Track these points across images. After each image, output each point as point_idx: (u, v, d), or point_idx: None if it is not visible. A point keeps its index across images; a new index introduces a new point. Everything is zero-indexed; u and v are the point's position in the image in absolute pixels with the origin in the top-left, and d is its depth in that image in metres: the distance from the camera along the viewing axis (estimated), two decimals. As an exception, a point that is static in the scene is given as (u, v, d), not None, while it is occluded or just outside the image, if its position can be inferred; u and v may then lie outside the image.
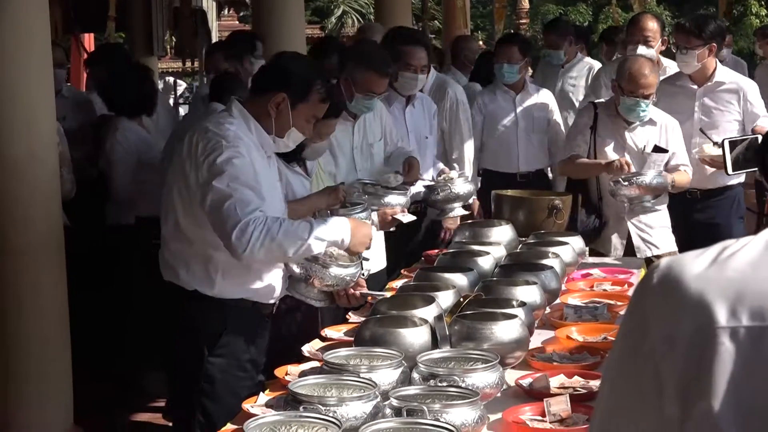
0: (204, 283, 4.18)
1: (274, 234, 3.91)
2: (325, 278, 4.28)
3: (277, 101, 4.16)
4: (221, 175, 3.95)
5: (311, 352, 4.22)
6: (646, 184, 6.02)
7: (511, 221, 5.69)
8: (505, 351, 3.85)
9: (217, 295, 4.17)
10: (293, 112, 4.19)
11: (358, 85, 5.63)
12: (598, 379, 3.83)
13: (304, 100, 4.21)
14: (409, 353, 3.73)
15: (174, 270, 4.24)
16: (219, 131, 4.06)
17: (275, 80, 4.21)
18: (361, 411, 3.26)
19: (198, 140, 4.08)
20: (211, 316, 4.19)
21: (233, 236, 3.89)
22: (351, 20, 37.36)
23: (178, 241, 4.22)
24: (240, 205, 3.92)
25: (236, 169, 3.97)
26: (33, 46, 5.03)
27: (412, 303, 4.24)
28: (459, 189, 5.83)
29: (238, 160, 3.99)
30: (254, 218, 3.91)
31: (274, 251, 3.96)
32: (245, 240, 3.88)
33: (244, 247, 3.89)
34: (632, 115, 6.10)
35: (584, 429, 3.41)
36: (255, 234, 3.88)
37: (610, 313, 4.74)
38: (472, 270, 4.83)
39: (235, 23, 27.49)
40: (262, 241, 3.89)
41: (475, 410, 3.29)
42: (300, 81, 4.20)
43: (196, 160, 4.04)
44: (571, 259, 5.34)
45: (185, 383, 4.28)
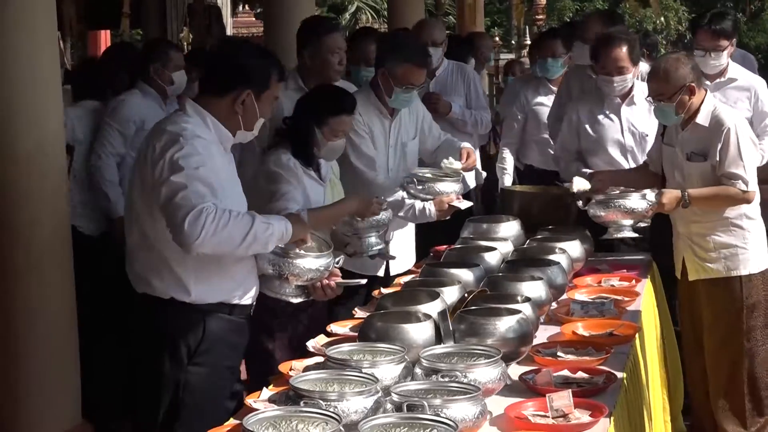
0: (179, 290, 4.03)
1: (225, 222, 3.80)
2: (296, 272, 4.22)
3: (243, 98, 4.08)
4: (178, 171, 3.86)
5: (316, 348, 4.23)
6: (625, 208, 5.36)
7: (520, 217, 5.67)
8: (509, 346, 3.84)
9: (195, 301, 4.05)
10: (258, 102, 4.11)
11: (397, 78, 5.53)
12: (602, 375, 3.83)
13: (267, 88, 4.13)
14: (412, 348, 3.74)
15: (146, 280, 4.09)
16: (175, 129, 3.98)
17: (235, 78, 4.09)
18: (361, 406, 3.26)
19: (154, 142, 3.99)
20: (189, 324, 4.07)
21: (186, 224, 3.76)
22: (365, 16, 37.32)
23: (145, 250, 4.07)
24: (194, 196, 3.82)
25: (191, 165, 3.87)
26: (39, 41, 5.03)
27: (417, 298, 4.24)
28: (442, 188, 5.45)
29: (195, 157, 3.89)
30: (207, 206, 3.80)
31: (224, 241, 3.83)
32: (198, 228, 3.76)
33: (197, 236, 3.76)
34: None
35: (586, 424, 3.41)
36: (207, 222, 3.77)
37: (616, 309, 4.73)
38: (478, 266, 4.82)
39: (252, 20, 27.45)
40: (214, 229, 3.78)
41: (475, 405, 3.28)
42: (260, 72, 4.12)
43: (152, 161, 3.95)
44: (579, 254, 5.33)
45: (164, 396, 4.10)
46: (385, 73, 5.56)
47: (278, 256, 4.16)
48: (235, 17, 26.51)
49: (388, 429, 3.11)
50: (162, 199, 3.87)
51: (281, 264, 4.19)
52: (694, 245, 5.44)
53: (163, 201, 3.87)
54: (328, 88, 5.19)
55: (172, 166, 3.87)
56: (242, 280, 4.16)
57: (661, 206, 5.27)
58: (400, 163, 5.71)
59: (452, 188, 5.42)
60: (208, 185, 3.87)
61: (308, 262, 4.21)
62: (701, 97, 5.33)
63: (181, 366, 4.06)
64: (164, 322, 4.07)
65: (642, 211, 5.31)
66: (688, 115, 5.33)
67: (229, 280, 4.11)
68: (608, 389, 3.75)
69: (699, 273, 5.46)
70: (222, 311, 4.11)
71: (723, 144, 5.24)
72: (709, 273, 5.43)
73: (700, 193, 5.28)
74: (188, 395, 4.07)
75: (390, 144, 5.72)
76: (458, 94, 7.45)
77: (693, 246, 5.44)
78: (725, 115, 5.32)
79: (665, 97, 5.27)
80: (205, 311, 4.07)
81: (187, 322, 4.07)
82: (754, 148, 5.40)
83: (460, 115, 7.35)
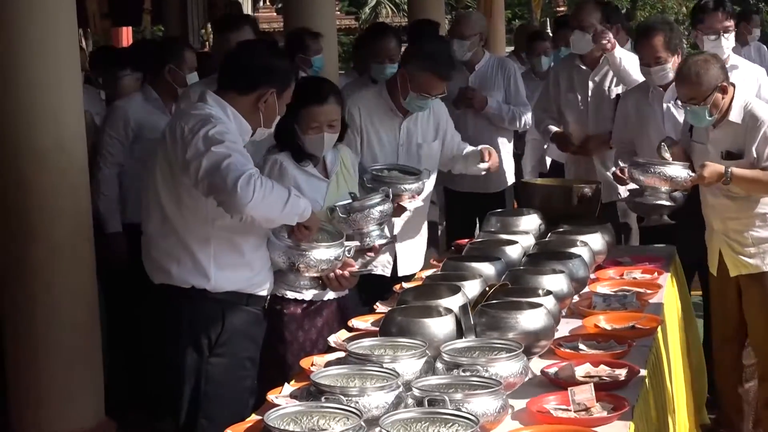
0: (199, 276, 4.13)
1: (271, 187, 3.96)
2: (309, 263, 4.26)
3: (266, 97, 4.22)
4: (218, 143, 3.97)
5: (337, 343, 4.22)
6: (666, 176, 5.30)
7: (540, 209, 5.65)
8: (530, 340, 3.84)
9: (214, 288, 4.14)
10: (279, 101, 4.26)
11: (415, 84, 5.46)
12: (624, 368, 3.82)
13: (288, 87, 4.29)
14: (434, 343, 3.73)
15: (164, 269, 4.17)
16: (202, 113, 4.10)
17: (261, 77, 4.23)
18: (383, 401, 3.26)
19: (182, 125, 4.09)
20: (209, 314, 4.14)
21: (239, 187, 3.85)
22: (385, 11, 37.33)
23: (165, 236, 4.16)
24: (239, 163, 3.93)
25: (229, 140, 4.00)
26: (60, 36, 5.01)
27: (438, 293, 4.23)
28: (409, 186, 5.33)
29: (230, 135, 4.04)
30: (254, 171, 3.94)
31: (271, 205, 3.98)
32: (250, 191, 3.86)
33: (250, 197, 3.86)
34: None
35: (608, 418, 3.40)
36: (257, 185, 3.88)
37: (639, 302, 4.71)
38: (499, 259, 4.81)
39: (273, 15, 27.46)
40: (264, 193, 3.90)
41: (497, 400, 3.28)
42: (284, 72, 4.30)
43: (183, 142, 4.04)
44: (601, 247, 5.31)
45: (186, 387, 4.18)
46: (405, 74, 5.51)
47: (290, 248, 4.20)
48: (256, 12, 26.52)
49: (409, 424, 3.10)
50: (203, 171, 3.95)
51: (293, 255, 4.24)
52: (732, 241, 5.41)
53: (204, 172, 3.94)
54: (302, 80, 4.99)
55: (210, 140, 3.97)
56: (259, 269, 4.26)
57: (702, 178, 5.20)
58: (414, 164, 5.59)
59: (409, 188, 5.31)
60: (246, 157, 4.01)
61: (320, 253, 4.27)
62: (731, 94, 5.26)
63: (202, 357, 4.12)
64: (183, 313, 4.13)
65: (681, 180, 5.24)
66: (720, 113, 5.25)
67: (247, 268, 4.20)
68: (630, 383, 3.73)
69: (739, 268, 5.44)
70: (240, 302, 4.18)
71: (760, 140, 5.19)
72: (749, 268, 5.41)
73: (743, 173, 5.19)
74: (210, 386, 4.13)
75: (400, 143, 5.65)
76: (498, 89, 7.39)
77: (730, 242, 5.41)
78: (759, 109, 5.26)
79: (699, 101, 5.18)
80: (223, 302, 4.14)
81: (206, 313, 4.13)
82: None
83: (497, 110, 7.29)
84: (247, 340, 4.26)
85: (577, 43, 6.93)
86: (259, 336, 4.35)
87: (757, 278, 5.39)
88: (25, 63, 4.97)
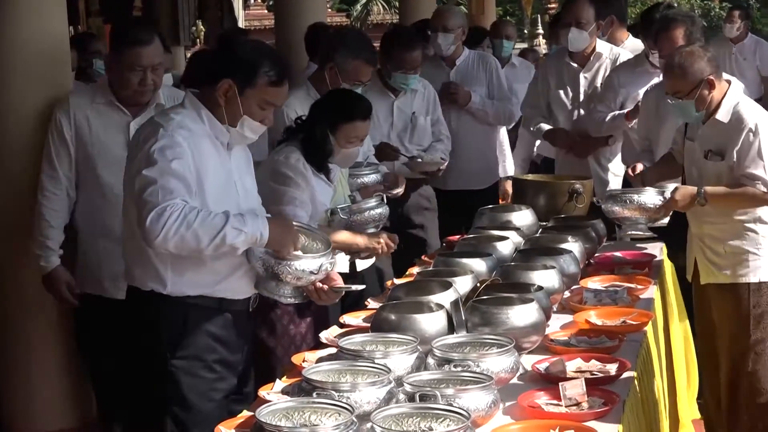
0: (156, 282, 3.94)
1: (190, 221, 3.68)
2: (288, 272, 3.96)
3: (224, 88, 3.91)
4: (152, 165, 3.76)
5: (329, 339, 4.23)
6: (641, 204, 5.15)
7: (532, 206, 5.66)
8: (521, 335, 3.85)
9: (172, 293, 3.94)
10: (241, 98, 3.92)
11: (345, 75, 5.62)
12: (615, 363, 3.83)
13: (251, 85, 3.92)
14: (425, 338, 3.74)
15: (130, 272, 4.05)
16: (160, 121, 3.90)
17: (221, 66, 3.96)
18: (374, 397, 3.27)
19: (141, 132, 3.96)
20: (170, 316, 3.95)
21: (148, 220, 3.67)
22: (377, 8, 37.32)
23: (130, 240, 3.98)
24: (162, 192, 3.71)
25: (166, 159, 3.77)
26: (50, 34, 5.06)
27: (430, 288, 4.24)
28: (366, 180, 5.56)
29: (172, 150, 3.79)
30: (172, 204, 3.69)
31: (189, 241, 3.70)
32: (160, 225, 3.66)
33: (158, 233, 3.66)
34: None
35: (600, 413, 3.41)
36: (170, 220, 3.66)
37: (630, 297, 4.72)
38: (490, 255, 4.82)
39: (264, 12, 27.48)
40: (177, 228, 3.66)
41: (488, 395, 3.29)
42: (244, 65, 3.92)
43: (134, 151, 3.91)
44: (592, 243, 5.32)
45: (151, 390, 4.03)
46: (333, 68, 5.64)
47: (268, 255, 3.95)
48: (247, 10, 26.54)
49: (400, 419, 3.11)
50: (135, 192, 3.80)
51: (270, 263, 3.97)
52: (705, 247, 5.16)
53: (135, 194, 3.79)
54: (341, 93, 5.11)
55: (147, 158, 3.79)
56: (227, 275, 4.00)
57: (675, 203, 5.03)
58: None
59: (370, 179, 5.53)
60: (182, 179, 3.77)
61: (299, 263, 3.96)
62: (723, 91, 5.02)
63: (164, 359, 3.95)
64: (148, 314, 3.99)
65: (654, 207, 5.08)
66: (709, 110, 5.02)
67: (210, 273, 3.96)
68: (621, 377, 3.74)
69: (709, 276, 5.16)
70: (208, 304, 3.99)
71: (743, 143, 4.92)
72: (718, 277, 5.13)
73: (717, 191, 4.98)
74: (173, 389, 3.95)
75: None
76: (480, 84, 7.40)
77: (704, 248, 5.16)
78: (747, 111, 4.99)
79: (683, 94, 4.98)
80: (188, 304, 3.96)
81: (168, 314, 3.96)
82: None
83: (481, 105, 7.31)
84: (216, 341, 4.03)
85: (575, 41, 6.91)
86: (233, 339, 4.07)
87: (725, 289, 5.12)
88: (15, 62, 4.98)
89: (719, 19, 34.58)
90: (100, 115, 4.90)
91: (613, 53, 6.99)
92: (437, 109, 6.88)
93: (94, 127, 4.89)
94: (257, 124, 4.00)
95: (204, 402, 3.94)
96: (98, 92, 4.97)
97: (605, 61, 6.95)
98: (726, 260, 5.10)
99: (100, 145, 4.88)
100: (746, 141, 4.92)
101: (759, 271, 5.04)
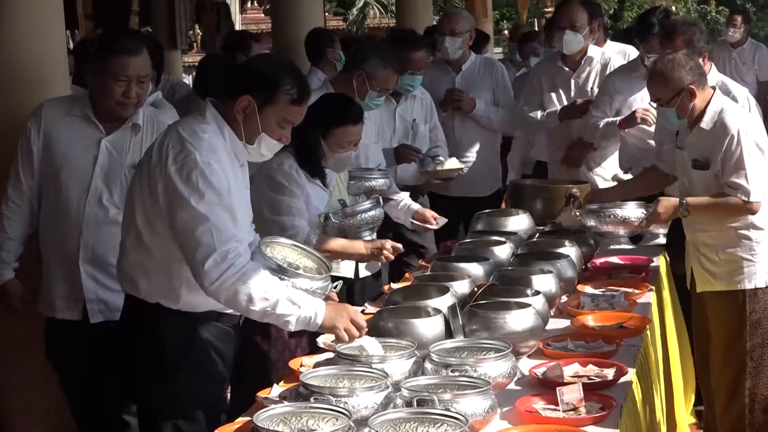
0: (167, 296, 3.86)
1: (246, 279, 3.62)
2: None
3: (243, 105, 3.81)
4: (195, 193, 3.66)
5: (326, 344, 4.22)
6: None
7: (529, 210, 5.66)
8: (519, 340, 3.85)
9: (183, 308, 3.88)
10: (260, 116, 3.82)
11: (375, 82, 5.69)
12: (612, 368, 3.83)
13: (271, 102, 3.82)
14: (423, 343, 3.74)
15: (133, 281, 3.93)
16: (193, 141, 3.75)
17: (241, 82, 3.86)
18: (372, 401, 3.28)
19: (169, 148, 3.76)
20: (176, 329, 3.89)
21: (205, 266, 3.61)
22: (373, 11, 37.33)
23: (139, 252, 3.89)
24: (216, 232, 3.64)
25: (211, 187, 3.68)
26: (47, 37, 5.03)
27: (427, 293, 4.25)
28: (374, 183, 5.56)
29: (214, 177, 3.70)
30: (232, 252, 3.64)
31: (240, 297, 3.64)
32: (217, 274, 3.60)
33: (213, 281, 3.61)
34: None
35: (597, 417, 3.41)
36: (229, 273, 3.61)
37: (627, 302, 4.72)
38: (488, 260, 4.82)
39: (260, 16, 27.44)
40: (233, 282, 3.61)
41: (485, 400, 3.28)
42: (265, 81, 3.82)
43: (165, 170, 3.72)
44: (589, 247, 5.32)
45: (153, 403, 3.96)
46: (362, 75, 5.68)
47: (273, 270, 3.86)
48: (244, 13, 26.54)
49: (398, 424, 3.11)
50: (178, 224, 3.69)
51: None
52: (701, 255, 5.10)
53: (179, 227, 3.69)
54: (333, 98, 5.10)
55: (188, 185, 3.68)
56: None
57: (657, 215, 5.06)
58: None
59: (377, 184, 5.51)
60: (230, 211, 3.71)
61: (302, 282, 3.89)
62: (706, 99, 4.96)
63: (168, 372, 3.88)
64: (151, 326, 3.91)
65: (635, 220, 5.10)
66: (692, 117, 4.97)
67: None
68: (619, 382, 3.74)
69: (705, 284, 5.11)
70: (212, 318, 3.94)
71: (725, 151, 4.86)
72: (714, 285, 5.08)
73: (698, 202, 4.96)
74: (176, 401, 3.90)
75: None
76: (485, 89, 7.39)
77: (700, 256, 5.10)
78: (731, 118, 4.91)
79: (664, 101, 4.95)
80: (194, 318, 3.91)
81: (174, 327, 3.89)
82: (761, 155, 4.92)
83: (485, 112, 7.30)
84: (217, 354, 3.99)
85: (570, 43, 6.90)
86: (228, 353, 4.04)
87: (720, 296, 5.07)
88: (12, 66, 4.97)
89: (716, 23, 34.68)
90: (71, 129, 4.65)
91: (604, 57, 7.00)
92: (434, 115, 6.94)
93: (64, 140, 4.64)
94: (274, 142, 3.91)
95: (207, 413, 3.91)
96: (75, 104, 4.71)
97: (596, 65, 6.97)
98: (721, 268, 5.05)
99: (67, 159, 4.63)
100: (728, 149, 4.87)
101: (754, 278, 5.00)
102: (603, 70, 6.93)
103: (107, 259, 4.51)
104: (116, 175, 4.60)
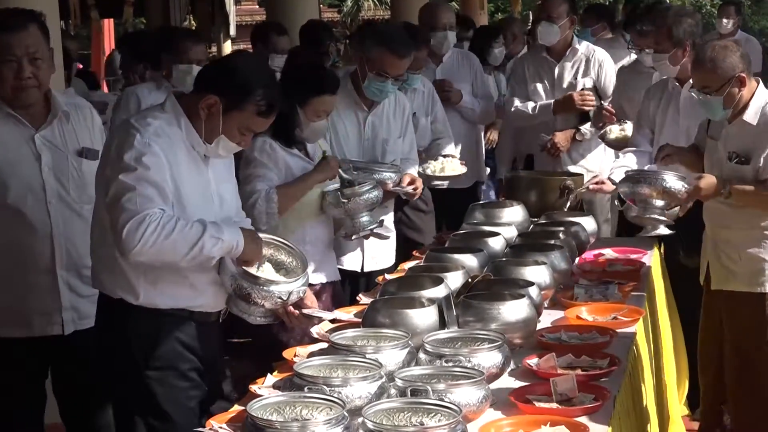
0: (128, 291, 3.82)
1: (169, 231, 3.60)
2: (254, 296, 3.87)
3: (209, 103, 3.78)
4: (128, 171, 3.64)
5: (320, 334, 4.23)
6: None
7: (524, 202, 5.67)
8: (512, 331, 3.86)
9: (144, 304, 3.83)
10: (224, 117, 3.79)
11: (371, 64, 5.42)
12: (606, 359, 3.83)
13: (239, 108, 3.79)
14: (416, 334, 3.74)
15: (98, 277, 3.93)
16: (138, 125, 3.74)
17: (213, 80, 3.83)
18: (365, 391, 3.28)
19: (116, 134, 3.82)
20: (143, 326, 3.84)
21: (125, 230, 3.57)
22: (368, 4, 37.25)
23: (102, 246, 3.86)
24: (140, 200, 3.62)
25: (144, 166, 3.65)
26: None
27: (421, 284, 4.25)
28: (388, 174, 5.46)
29: (149, 157, 3.67)
30: (151, 213, 3.60)
31: (166, 251, 3.64)
32: (138, 236, 3.57)
33: (135, 243, 3.57)
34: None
35: (590, 408, 3.41)
36: (149, 230, 3.57)
37: (620, 293, 4.73)
38: (482, 251, 4.82)
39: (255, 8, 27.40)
40: (155, 238, 3.58)
41: (479, 390, 3.29)
42: (237, 87, 3.78)
43: (110, 155, 3.76)
44: (583, 239, 5.33)
45: (125, 402, 3.93)
46: (361, 57, 5.49)
47: (239, 275, 3.87)
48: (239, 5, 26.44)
49: (392, 414, 3.11)
50: (109, 198, 3.69)
51: (241, 283, 3.87)
52: (721, 252, 4.95)
53: (109, 200, 3.69)
54: (310, 68, 5.13)
55: (124, 164, 3.66)
56: (204, 289, 3.92)
57: (698, 191, 4.73)
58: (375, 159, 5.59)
59: (390, 176, 5.41)
60: (159, 188, 3.68)
61: (271, 288, 3.89)
62: (752, 90, 4.79)
63: (137, 369, 3.85)
64: (118, 323, 3.88)
65: (676, 191, 4.75)
66: (736, 109, 4.79)
67: (187, 287, 3.88)
68: (612, 373, 3.75)
69: (721, 282, 4.98)
70: (180, 314, 3.89)
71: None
72: (732, 285, 4.94)
73: (745, 188, 4.73)
74: (148, 399, 3.87)
75: (365, 137, 5.61)
76: (465, 81, 7.40)
77: (719, 253, 4.96)
78: None
79: (712, 90, 4.73)
80: (159, 313, 3.86)
81: (139, 324, 3.85)
82: None
83: (470, 104, 7.32)
84: (190, 350, 3.93)
85: (545, 35, 6.96)
86: (201, 349, 3.96)
87: (738, 297, 4.94)
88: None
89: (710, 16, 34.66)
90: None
91: (589, 50, 7.11)
92: (437, 106, 6.71)
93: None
94: (233, 145, 3.89)
95: (179, 411, 3.88)
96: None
97: (581, 57, 7.05)
98: (742, 267, 4.91)
99: (5, 164, 4.23)
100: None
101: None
102: (587, 62, 7.02)
103: (82, 261, 4.26)
104: (64, 166, 4.32)
